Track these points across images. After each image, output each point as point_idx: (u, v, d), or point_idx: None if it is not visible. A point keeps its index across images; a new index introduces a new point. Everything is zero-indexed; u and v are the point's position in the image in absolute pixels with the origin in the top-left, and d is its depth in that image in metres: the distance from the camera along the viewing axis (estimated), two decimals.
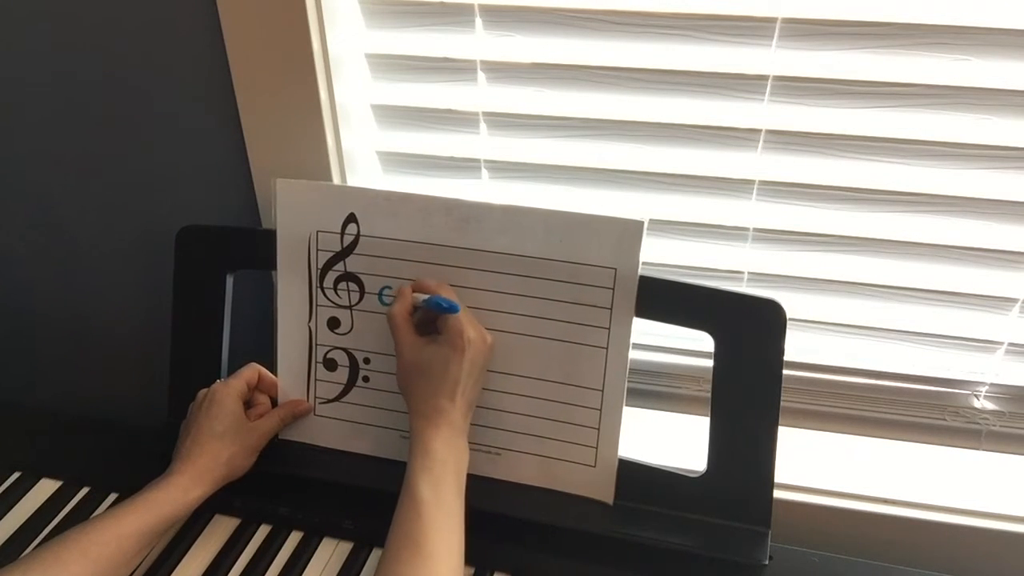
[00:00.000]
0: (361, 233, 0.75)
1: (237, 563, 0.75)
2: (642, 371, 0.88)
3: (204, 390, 0.78)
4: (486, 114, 0.80)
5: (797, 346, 0.84)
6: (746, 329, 0.71)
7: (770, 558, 0.72)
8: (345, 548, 0.76)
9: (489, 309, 0.74)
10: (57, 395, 1.07)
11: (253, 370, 0.80)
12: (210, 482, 0.73)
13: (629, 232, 0.69)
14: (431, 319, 0.72)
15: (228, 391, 0.76)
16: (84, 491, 0.82)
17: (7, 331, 1.05)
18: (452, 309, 0.69)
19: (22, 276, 1.01)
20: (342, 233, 0.75)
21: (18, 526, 0.78)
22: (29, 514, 0.80)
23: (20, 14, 0.82)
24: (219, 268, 0.81)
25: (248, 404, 0.80)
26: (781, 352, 0.70)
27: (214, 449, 0.73)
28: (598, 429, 0.74)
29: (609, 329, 0.72)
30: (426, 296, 0.71)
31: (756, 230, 0.79)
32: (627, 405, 0.74)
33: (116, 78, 0.84)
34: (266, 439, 0.78)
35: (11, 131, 0.90)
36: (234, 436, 0.75)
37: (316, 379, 0.80)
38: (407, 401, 0.71)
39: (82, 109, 0.86)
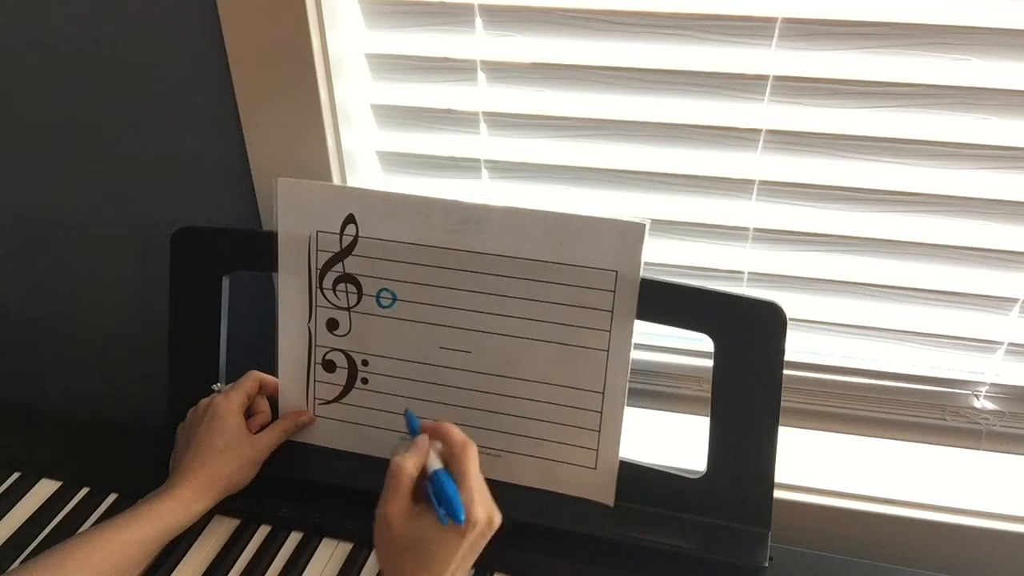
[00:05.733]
0: (360, 234, 0.75)
1: (237, 563, 0.75)
2: (642, 371, 0.87)
3: (205, 400, 0.78)
4: (486, 114, 0.79)
5: (797, 346, 0.84)
6: (746, 331, 0.70)
7: (770, 559, 0.72)
8: (345, 549, 0.76)
9: (488, 312, 0.74)
10: (57, 395, 1.07)
11: (253, 380, 0.80)
12: (211, 496, 0.73)
13: (630, 234, 0.69)
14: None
15: (229, 405, 0.76)
16: (84, 491, 0.82)
17: (6, 332, 1.05)
18: (456, 519, 0.59)
19: (23, 277, 1.01)
20: (341, 234, 0.75)
21: (18, 526, 0.78)
22: (29, 514, 0.80)
23: (18, 12, 0.82)
24: (214, 270, 0.81)
25: (248, 411, 0.80)
26: (781, 353, 0.70)
27: (215, 464, 0.73)
28: (599, 431, 0.74)
29: (610, 332, 0.72)
30: (438, 468, 0.62)
31: (756, 230, 0.79)
32: (627, 405, 0.74)
33: (115, 77, 0.84)
34: (267, 452, 0.77)
35: (9, 131, 0.90)
36: (235, 451, 0.75)
37: (315, 380, 0.80)
38: (381, 568, 0.62)
39: (81, 109, 0.86)
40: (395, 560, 0.61)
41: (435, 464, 0.62)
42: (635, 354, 0.72)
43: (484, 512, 0.61)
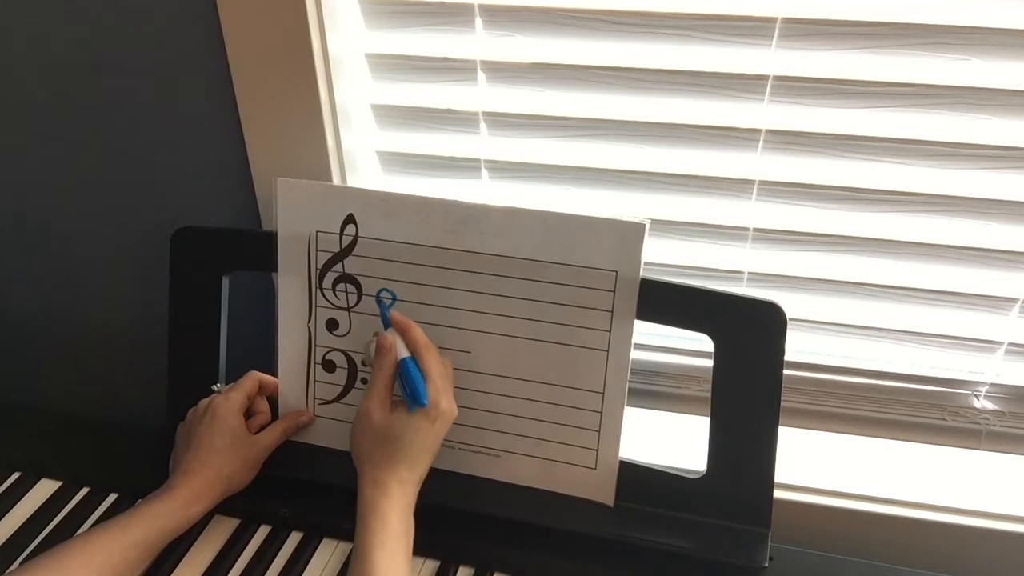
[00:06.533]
0: (359, 234, 0.75)
1: (237, 563, 0.75)
2: (642, 371, 0.87)
3: (204, 400, 0.78)
4: (486, 114, 0.79)
5: (797, 346, 0.84)
6: (746, 331, 0.70)
7: (770, 559, 0.72)
8: (345, 548, 0.76)
9: (488, 312, 0.74)
10: (57, 395, 1.07)
11: (253, 380, 0.80)
12: (211, 497, 0.73)
13: (630, 234, 0.69)
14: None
15: (229, 406, 0.76)
16: (84, 491, 0.82)
17: (7, 332, 1.05)
18: (420, 404, 0.67)
19: (22, 277, 1.01)
20: (340, 234, 0.75)
21: (18, 526, 0.78)
22: (29, 514, 0.80)
23: (19, 12, 0.82)
24: (214, 270, 0.81)
25: (248, 411, 0.79)
26: (781, 353, 0.70)
27: (215, 465, 0.73)
28: (599, 431, 0.74)
29: (610, 332, 0.72)
30: (406, 356, 0.69)
31: (756, 230, 0.79)
32: (627, 405, 0.74)
33: (116, 78, 0.84)
34: (267, 453, 0.77)
35: (8, 131, 0.90)
36: (235, 451, 0.75)
37: (315, 380, 0.80)
38: (359, 463, 0.69)
39: (81, 109, 0.86)
40: (374, 452, 0.68)
41: (403, 352, 0.70)
42: (635, 354, 0.72)
43: (447, 404, 0.69)
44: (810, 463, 0.84)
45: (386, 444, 0.67)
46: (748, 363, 0.71)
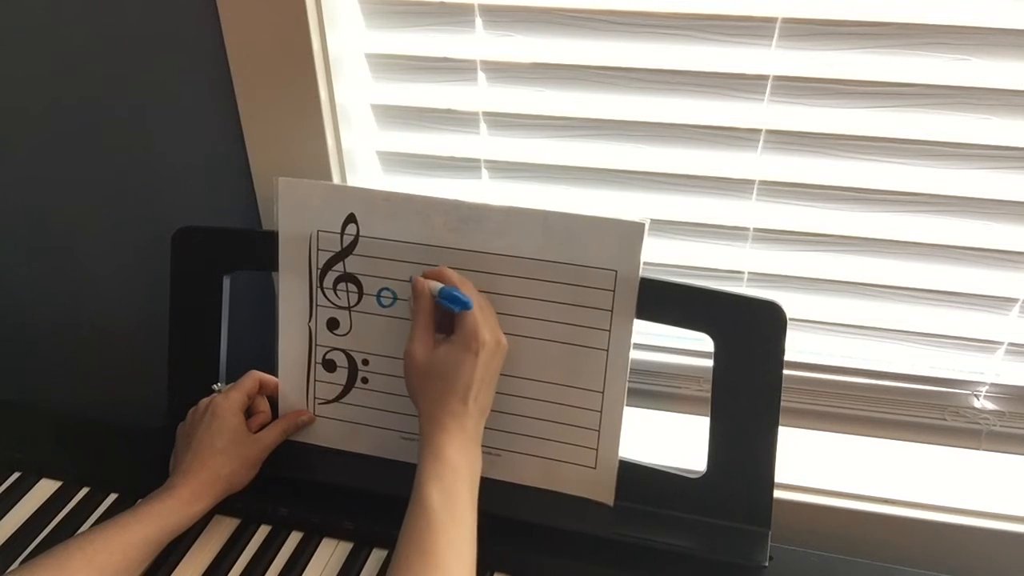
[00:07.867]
0: (360, 234, 0.75)
1: (237, 563, 0.74)
2: (642, 371, 0.88)
3: (204, 400, 0.78)
4: (486, 114, 0.80)
5: (797, 346, 0.84)
6: (746, 331, 0.70)
7: (770, 559, 0.72)
8: (345, 548, 0.75)
9: None
10: (57, 395, 1.07)
11: (253, 379, 0.80)
12: (211, 496, 0.73)
13: (630, 234, 0.69)
14: (446, 318, 0.69)
15: (229, 405, 0.76)
16: (84, 491, 0.82)
17: (7, 331, 1.05)
18: (465, 306, 0.67)
19: (22, 277, 1.01)
20: (342, 233, 0.75)
21: (18, 526, 0.78)
22: (29, 514, 0.79)
23: (19, 12, 0.82)
24: (215, 269, 0.81)
25: (248, 411, 0.80)
26: (781, 353, 0.70)
27: (215, 464, 0.73)
28: (598, 431, 0.74)
29: (610, 331, 0.72)
30: (440, 286, 0.69)
31: (756, 230, 0.79)
32: (627, 405, 0.74)
33: (115, 77, 0.84)
34: (267, 452, 0.77)
35: (9, 131, 0.90)
36: (235, 451, 0.75)
37: (316, 380, 0.80)
38: (416, 404, 0.69)
39: (82, 109, 0.86)
40: (425, 390, 0.68)
41: (436, 287, 0.69)
42: (635, 354, 0.72)
43: (491, 334, 0.68)
44: (810, 463, 0.84)
45: (434, 380, 0.67)
46: (748, 363, 0.71)
